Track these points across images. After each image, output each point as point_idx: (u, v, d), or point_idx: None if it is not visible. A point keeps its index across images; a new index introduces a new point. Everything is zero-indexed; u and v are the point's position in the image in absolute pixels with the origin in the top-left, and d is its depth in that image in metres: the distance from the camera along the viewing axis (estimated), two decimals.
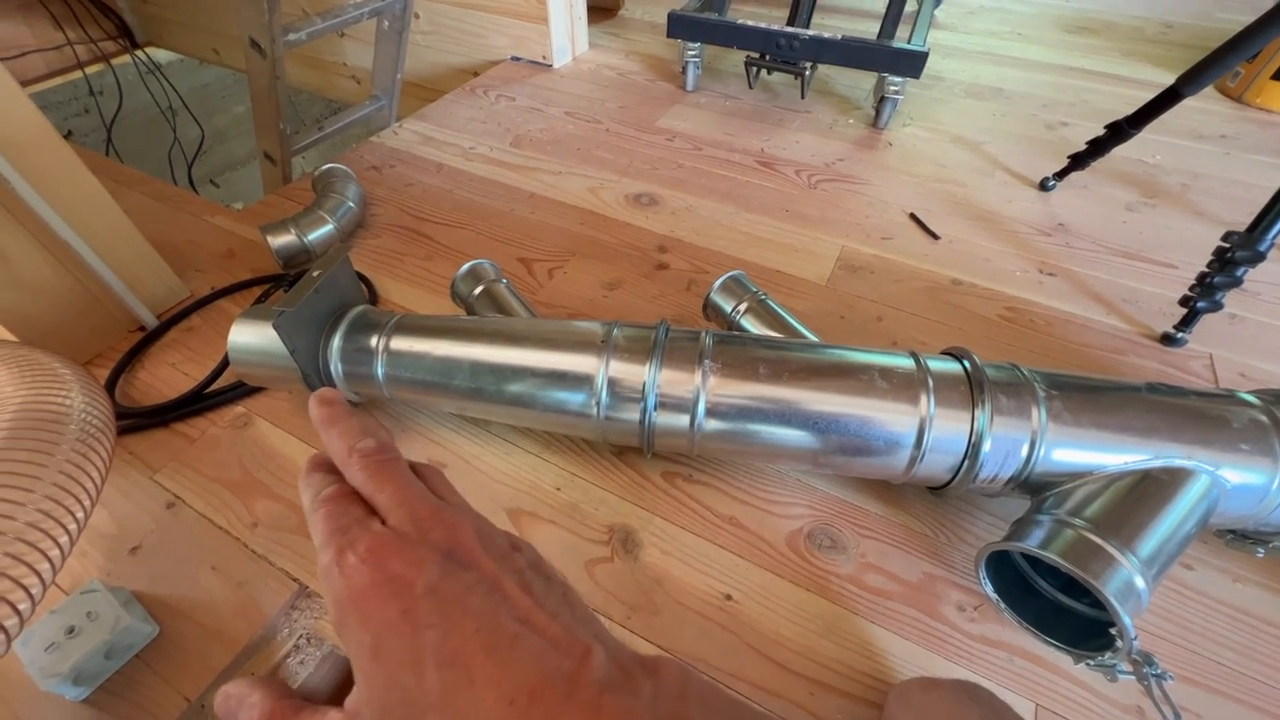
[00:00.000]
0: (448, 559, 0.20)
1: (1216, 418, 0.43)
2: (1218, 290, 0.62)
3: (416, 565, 0.19)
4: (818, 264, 0.78)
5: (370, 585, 0.19)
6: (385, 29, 0.91)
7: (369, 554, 0.19)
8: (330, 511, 0.21)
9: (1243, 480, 0.42)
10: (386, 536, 0.20)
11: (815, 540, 0.51)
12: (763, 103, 1.12)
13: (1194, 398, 0.44)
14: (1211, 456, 0.42)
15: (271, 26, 0.70)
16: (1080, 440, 0.43)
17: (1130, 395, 0.44)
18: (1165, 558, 0.40)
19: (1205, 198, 0.89)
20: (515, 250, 0.79)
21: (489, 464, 0.56)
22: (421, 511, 0.21)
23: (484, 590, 0.19)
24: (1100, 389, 0.45)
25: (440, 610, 0.18)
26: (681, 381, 0.46)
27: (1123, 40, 1.37)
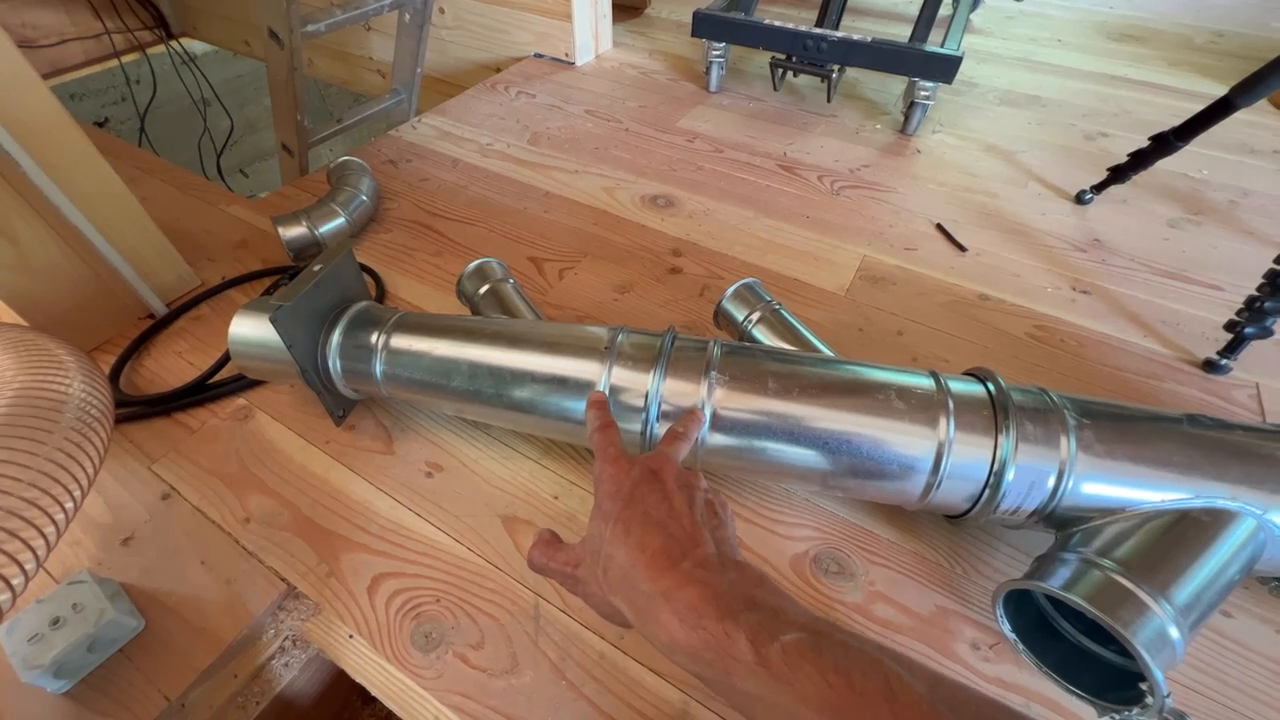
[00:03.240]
0: (650, 474, 0.33)
1: (1265, 456, 0.39)
2: (1268, 316, 0.58)
3: (628, 472, 0.33)
4: (837, 273, 0.75)
5: (611, 477, 0.33)
6: (406, 23, 0.90)
7: (612, 463, 0.34)
8: (604, 435, 0.37)
9: None
10: (625, 458, 0.35)
11: (822, 565, 0.48)
12: (787, 105, 1.09)
13: (1240, 433, 0.41)
14: (1259, 498, 0.38)
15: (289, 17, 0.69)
16: (1113, 474, 0.40)
17: (1169, 427, 0.41)
18: (1204, 606, 0.36)
19: (1255, 216, 0.84)
20: (526, 249, 0.78)
21: (487, 468, 0.55)
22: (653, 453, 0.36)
23: (659, 495, 0.32)
24: (1136, 418, 0.42)
25: (631, 496, 0.32)
26: (686, 392, 0.44)
27: (1170, 49, 1.31)
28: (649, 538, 0.29)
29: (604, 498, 0.32)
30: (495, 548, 0.49)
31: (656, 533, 0.29)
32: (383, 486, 0.53)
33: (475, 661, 0.43)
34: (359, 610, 0.46)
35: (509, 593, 0.47)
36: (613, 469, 0.34)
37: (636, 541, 0.29)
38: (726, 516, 0.33)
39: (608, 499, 0.32)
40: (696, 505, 0.31)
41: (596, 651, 0.44)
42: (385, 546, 0.49)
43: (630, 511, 0.30)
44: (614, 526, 0.30)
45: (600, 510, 0.32)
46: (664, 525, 0.30)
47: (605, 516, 0.31)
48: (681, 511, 0.31)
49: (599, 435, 0.37)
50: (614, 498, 0.32)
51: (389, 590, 0.47)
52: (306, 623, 0.46)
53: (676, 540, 0.29)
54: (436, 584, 0.47)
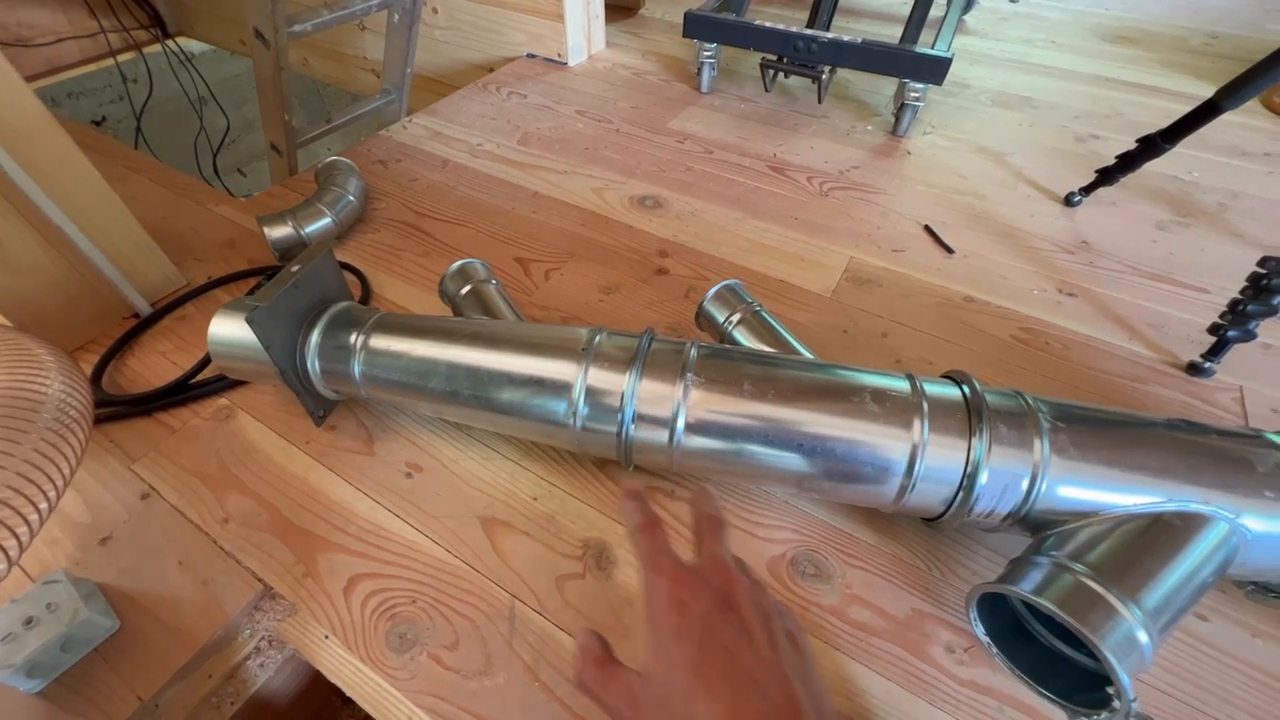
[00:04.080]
0: (721, 602, 0.27)
1: (1239, 460, 0.39)
2: (1251, 319, 0.58)
3: (696, 597, 0.27)
4: (824, 275, 0.75)
5: (666, 600, 0.27)
6: (395, 23, 0.90)
7: (669, 579, 0.28)
8: (648, 537, 0.31)
9: (1266, 529, 0.38)
10: (683, 572, 0.29)
11: (799, 567, 0.48)
12: (779, 106, 1.09)
13: (1215, 436, 0.41)
14: (1232, 502, 0.38)
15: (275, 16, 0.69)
16: (1086, 477, 0.40)
17: (1144, 431, 0.41)
18: (1174, 610, 0.36)
19: (1244, 219, 0.84)
20: (513, 249, 0.78)
21: (467, 469, 0.55)
22: (709, 561, 0.29)
23: (737, 632, 0.26)
24: (1111, 422, 0.41)
25: (703, 633, 0.26)
26: (662, 394, 0.44)
27: (1164, 51, 1.31)
28: (742, 703, 0.24)
29: (667, 634, 0.27)
30: (473, 549, 0.49)
31: (749, 694, 0.24)
32: (362, 487, 0.53)
33: (449, 662, 0.43)
34: (334, 611, 0.46)
35: (485, 594, 0.47)
36: (671, 588, 0.28)
37: (727, 709, 0.24)
38: (807, 649, 0.29)
39: (673, 637, 0.26)
40: (780, 644, 0.27)
41: (570, 652, 0.44)
42: (363, 547, 0.49)
43: (709, 659, 0.25)
44: (691, 679, 0.25)
45: (663, 651, 0.26)
46: (754, 681, 0.25)
47: (675, 663, 0.26)
48: (768, 658, 0.26)
49: (644, 538, 0.31)
50: (682, 637, 0.26)
51: (365, 591, 0.47)
52: (283, 623, 0.46)
53: (775, 706, 0.24)
54: (413, 585, 0.47)
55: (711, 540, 0.31)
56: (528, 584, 0.47)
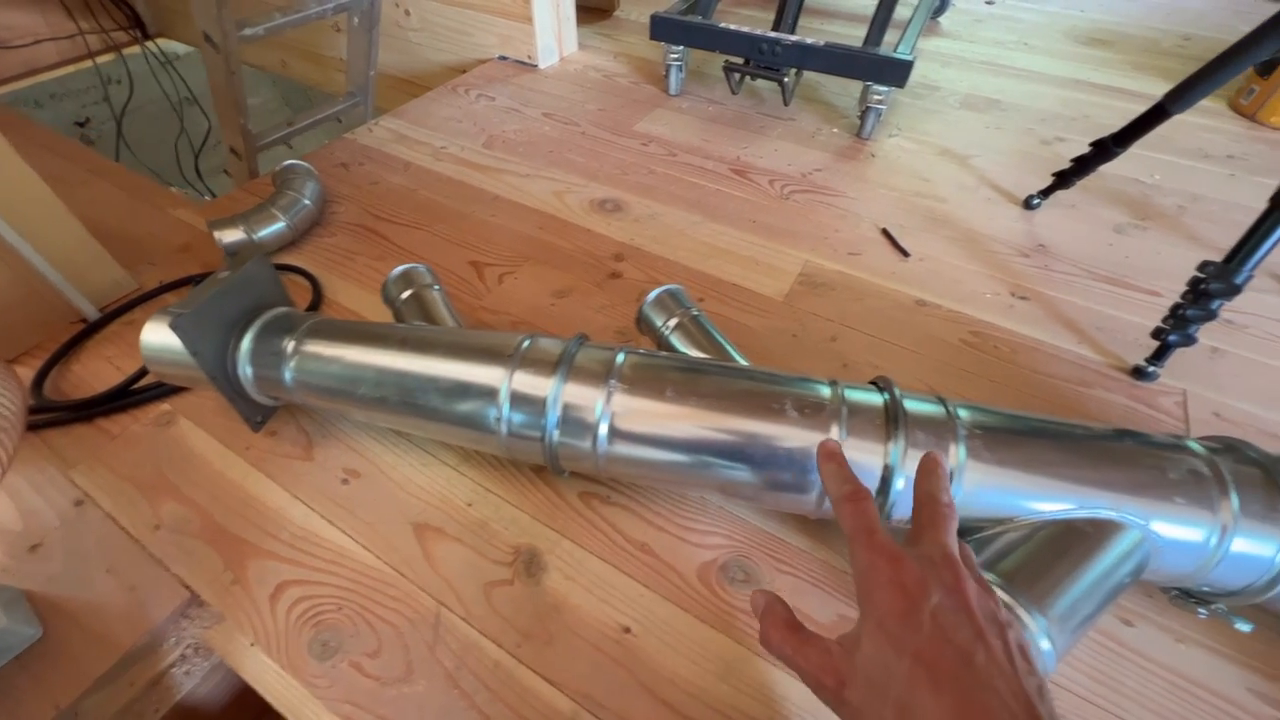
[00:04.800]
0: (950, 593, 0.25)
1: (1152, 467, 0.39)
2: (1191, 323, 0.58)
3: (924, 588, 0.25)
4: (778, 279, 0.75)
5: (888, 581, 0.26)
6: (355, 25, 0.90)
7: (889, 560, 0.26)
8: (857, 509, 0.29)
9: (1176, 535, 0.38)
10: (907, 557, 0.27)
11: (728, 573, 0.48)
12: (746, 109, 1.09)
13: (1131, 443, 0.41)
14: (1142, 508, 0.38)
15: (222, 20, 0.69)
16: (1000, 484, 0.40)
17: (1062, 438, 0.41)
18: (1081, 617, 0.36)
19: (1202, 222, 0.84)
20: (468, 253, 0.78)
21: (404, 475, 0.54)
22: (938, 551, 0.27)
23: (972, 635, 0.24)
24: (1029, 430, 0.41)
25: (934, 627, 0.24)
26: (585, 399, 0.44)
27: (1136, 53, 1.31)
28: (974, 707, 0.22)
29: (892, 617, 0.25)
30: (403, 555, 0.49)
31: (985, 699, 0.22)
32: (298, 493, 0.53)
33: (369, 670, 0.43)
34: (259, 618, 0.46)
35: (412, 600, 0.47)
36: (893, 570, 0.26)
37: (955, 705, 0.23)
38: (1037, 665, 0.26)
39: (899, 622, 0.25)
40: (1016, 657, 0.24)
41: (492, 660, 0.44)
42: (293, 554, 0.49)
43: (941, 655, 0.24)
44: (916, 669, 0.24)
45: (885, 634, 0.25)
46: (992, 689, 0.23)
47: (894, 643, 0.24)
48: (1007, 670, 0.24)
49: (852, 510, 0.29)
50: (909, 624, 0.25)
51: (292, 598, 0.47)
52: (209, 630, 0.46)
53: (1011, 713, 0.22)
54: (340, 592, 0.47)
55: (937, 529, 0.29)
56: (455, 591, 0.47)
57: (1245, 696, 0.42)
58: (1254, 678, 0.43)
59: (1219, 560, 0.38)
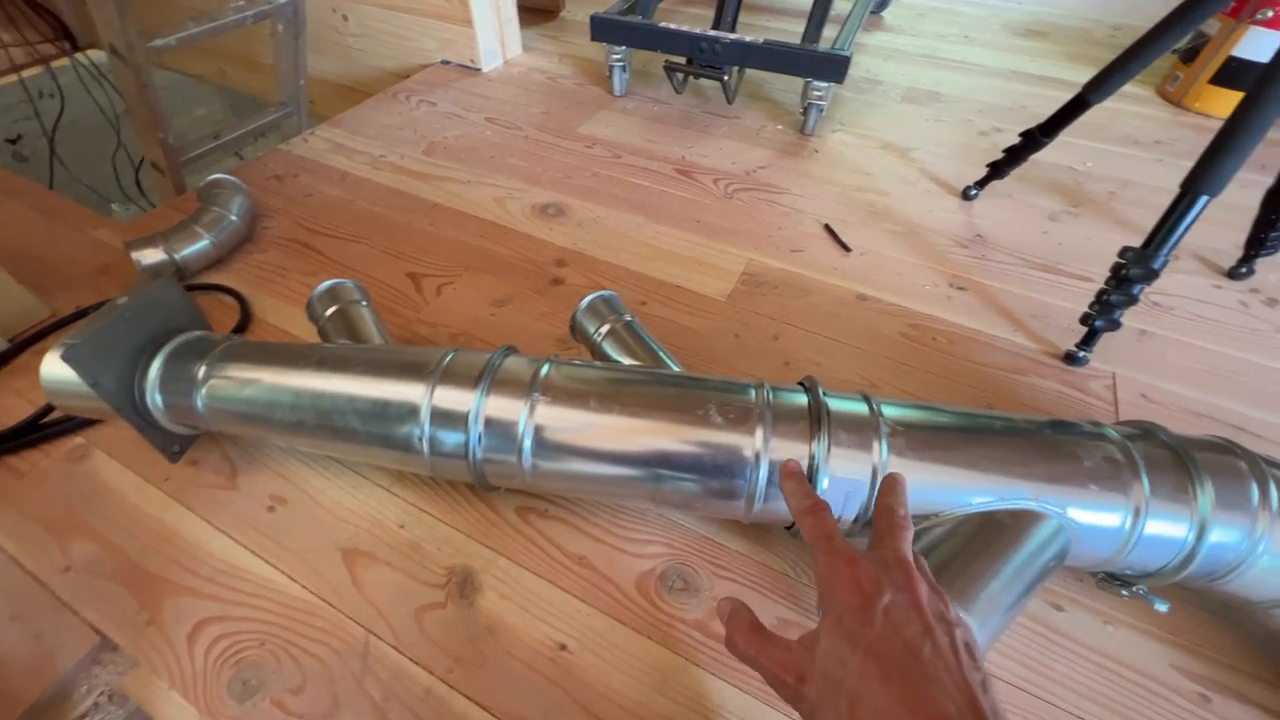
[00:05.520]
0: (900, 593, 0.27)
1: (1068, 455, 0.40)
2: (1115, 308, 0.59)
3: (878, 587, 0.27)
4: (720, 279, 0.74)
5: (846, 581, 0.28)
6: (280, 33, 0.87)
7: (848, 563, 0.28)
8: (816, 520, 0.32)
9: (1092, 521, 0.39)
10: (864, 561, 0.29)
11: (666, 582, 0.48)
12: (691, 108, 1.09)
13: (1050, 433, 0.41)
14: (1059, 496, 0.39)
15: (127, 31, 0.66)
16: (924, 479, 0.40)
17: (982, 431, 0.41)
18: (1002, 608, 0.37)
19: (1131, 207, 0.87)
20: (406, 265, 0.76)
21: (333, 499, 0.53)
22: (893, 555, 0.29)
23: (921, 631, 0.26)
24: (950, 426, 0.42)
25: (885, 622, 0.26)
26: (509, 412, 0.43)
27: (1070, 44, 1.34)
28: (920, 697, 0.24)
29: (847, 614, 0.27)
30: (331, 583, 0.47)
31: (931, 691, 0.24)
32: (220, 525, 0.51)
33: (292, 707, 0.41)
34: (176, 660, 0.43)
35: (339, 630, 0.45)
36: (851, 572, 0.28)
37: (902, 695, 0.24)
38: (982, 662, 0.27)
39: (850, 615, 0.27)
40: (961, 653, 0.26)
41: (423, 687, 0.42)
42: (214, 589, 0.47)
43: (890, 648, 0.25)
44: (868, 661, 0.25)
45: (841, 629, 0.26)
46: (938, 680, 0.24)
47: (849, 638, 0.26)
48: (952, 663, 0.25)
49: (812, 521, 0.31)
50: (862, 621, 0.26)
51: (211, 636, 0.44)
52: (123, 676, 0.44)
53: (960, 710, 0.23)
54: (263, 626, 0.45)
55: (894, 537, 0.31)
56: (385, 617, 0.45)
57: (1169, 673, 0.43)
58: (1176, 654, 0.44)
59: (1135, 543, 0.39)
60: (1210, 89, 1.05)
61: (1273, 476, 0.39)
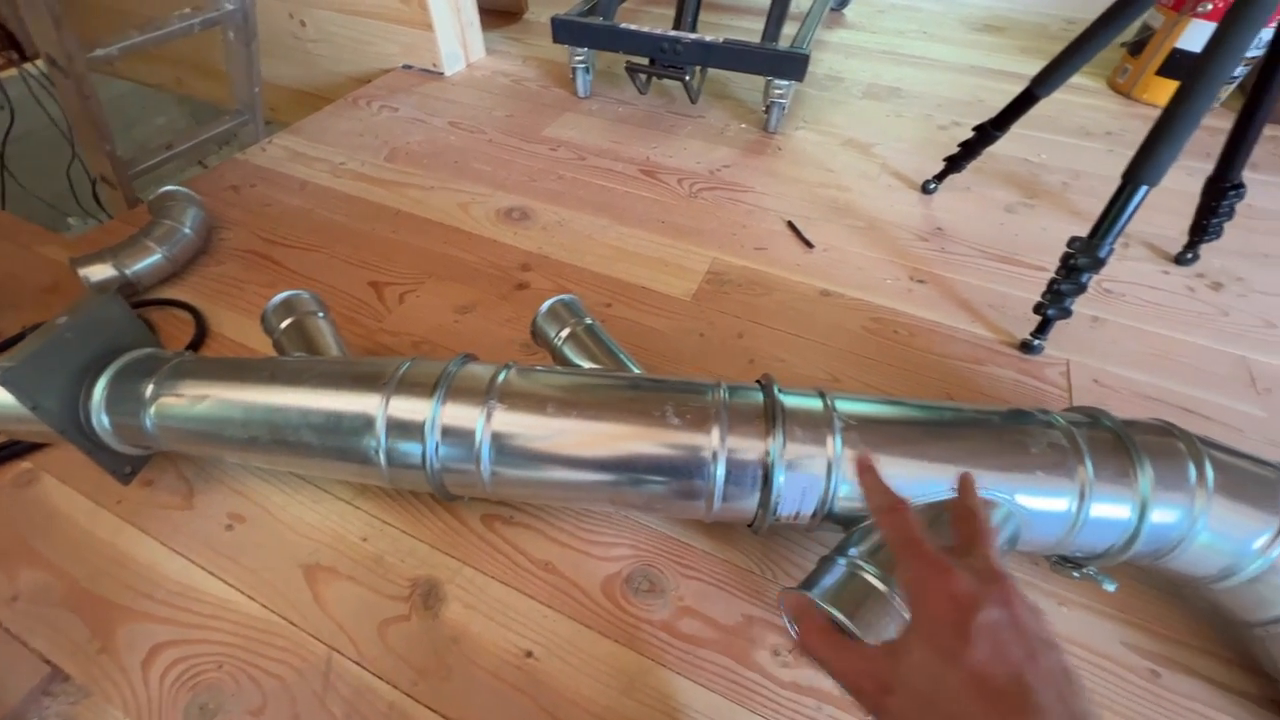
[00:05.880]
0: (1001, 611, 0.25)
1: (1015, 443, 0.41)
2: (1065, 297, 0.61)
3: (976, 602, 0.25)
4: (685, 278, 0.75)
5: (942, 592, 0.26)
6: (232, 40, 0.85)
7: (940, 572, 0.26)
8: (898, 520, 0.29)
9: (1041, 507, 0.40)
10: (958, 570, 0.26)
11: (633, 584, 0.48)
12: (656, 108, 1.09)
13: (997, 422, 0.42)
14: (1008, 484, 0.39)
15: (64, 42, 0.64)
16: None
17: (933, 423, 0.42)
18: None
19: (1084, 197, 0.89)
20: (368, 273, 0.75)
21: (294, 514, 0.52)
22: (987, 567, 0.27)
23: (1022, 654, 0.24)
24: (903, 419, 0.42)
25: (987, 642, 0.24)
26: (465, 419, 0.43)
27: (1025, 38, 1.37)
28: None
29: (938, 625, 0.25)
30: (291, 600, 0.46)
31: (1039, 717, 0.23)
32: (176, 546, 0.50)
33: None
34: (130, 687, 0.42)
35: (300, 649, 0.44)
36: (942, 581, 0.26)
37: None
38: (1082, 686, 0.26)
39: (946, 630, 0.25)
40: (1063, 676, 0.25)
41: (386, 702, 0.42)
42: (169, 613, 0.46)
43: (989, 667, 0.24)
44: (965, 680, 0.24)
45: (933, 641, 0.25)
46: (1044, 708, 0.23)
47: (945, 655, 0.24)
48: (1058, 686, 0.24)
49: (893, 521, 0.29)
50: (956, 632, 0.24)
51: (167, 660, 0.43)
52: (75, 706, 0.43)
53: None
54: (221, 648, 0.44)
55: (983, 545, 0.28)
56: (348, 633, 0.45)
57: (1120, 650, 0.44)
58: (1127, 631, 0.45)
59: (1081, 525, 0.40)
60: (1157, 80, 1.09)
61: (1209, 455, 0.40)
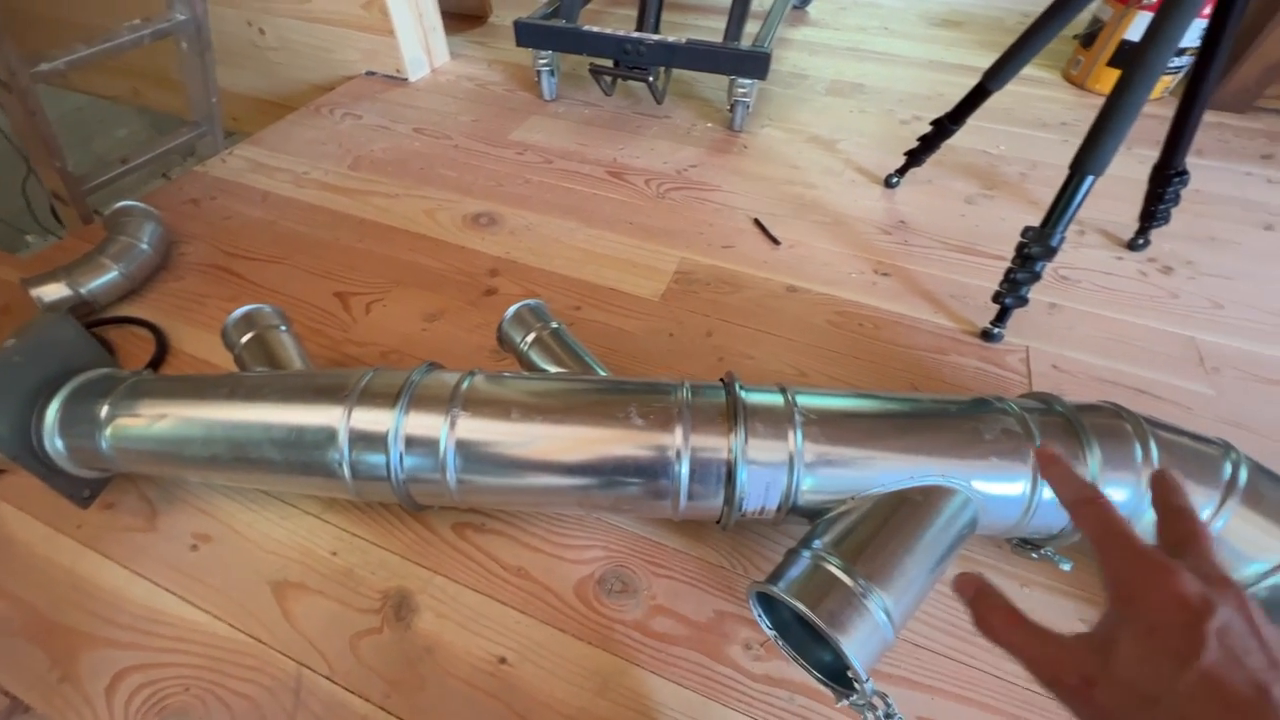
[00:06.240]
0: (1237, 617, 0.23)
1: (970, 430, 0.42)
2: (1021, 285, 0.62)
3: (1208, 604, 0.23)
4: (654, 279, 0.75)
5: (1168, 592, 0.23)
6: (185, 50, 0.84)
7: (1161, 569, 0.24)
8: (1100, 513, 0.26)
9: (997, 492, 0.41)
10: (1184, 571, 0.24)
11: (605, 585, 0.48)
12: (622, 109, 1.09)
13: (954, 411, 0.43)
14: (964, 470, 0.41)
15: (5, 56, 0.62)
16: (838, 464, 0.41)
17: (893, 413, 0.43)
18: (920, 586, 0.38)
19: (1041, 187, 0.91)
20: (333, 284, 0.74)
21: (262, 531, 0.51)
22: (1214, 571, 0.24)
23: (1263, 664, 0.22)
24: (862, 411, 0.43)
25: (1222, 648, 0.22)
26: (429, 428, 0.43)
27: (982, 32, 1.40)
28: None
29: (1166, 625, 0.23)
30: (260, 619, 0.46)
31: None
32: (139, 569, 0.49)
33: None
34: (94, 716, 0.42)
35: (270, 667, 0.44)
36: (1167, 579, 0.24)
37: None
38: None
39: (1174, 630, 0.23)
40: None
41: (359, 716, 0.41)
42: (133, 637, 0.45)
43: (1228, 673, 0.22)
44: (1200, 683, 0.22)
45: (1156, 638, 0.23)
46: None
47: (1174, 655, 0.23)
48: None
49: (1094, 513, 0.27)
50: (1187, 633, 0.23)
51: (132, 686, 0.43)
52: None
53: None
54: (188, 670, 0.43)
55: (1203, 546, 0.26)
56: (318, 649, 0.44)
57: (1077, 626, 0.45)
58: (1083, 607, 0.47)
59: (1035, 508, 0.41)
60: (1108, 71, 1.12)
61: (1154, 435, 0.42)
